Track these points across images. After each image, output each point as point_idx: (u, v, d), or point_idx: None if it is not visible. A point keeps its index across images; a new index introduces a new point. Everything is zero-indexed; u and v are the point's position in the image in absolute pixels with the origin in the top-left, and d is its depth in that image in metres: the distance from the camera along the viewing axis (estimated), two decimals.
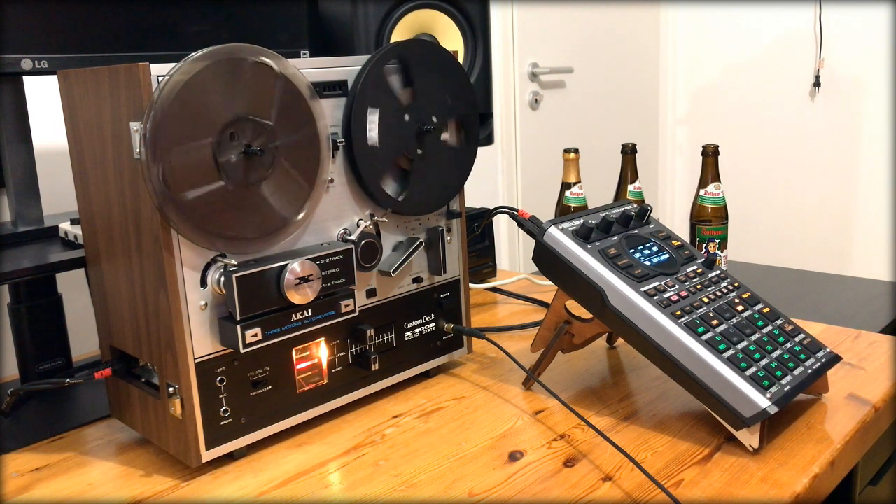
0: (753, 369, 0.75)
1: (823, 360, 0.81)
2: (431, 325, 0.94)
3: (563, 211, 1.29)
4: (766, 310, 0.84)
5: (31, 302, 0.96)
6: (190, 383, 0.73)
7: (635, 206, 0.93)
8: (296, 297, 0.75)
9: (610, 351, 1.03)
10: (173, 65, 0.66)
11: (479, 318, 1.18)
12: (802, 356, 0.80)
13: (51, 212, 1.01)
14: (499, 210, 0.97)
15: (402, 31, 1.09)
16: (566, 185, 1.29)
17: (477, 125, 0.93)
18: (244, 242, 0.74)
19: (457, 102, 0.90)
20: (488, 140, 1.24)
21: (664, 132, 2.94)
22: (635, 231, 0.89)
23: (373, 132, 0.82)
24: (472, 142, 0.93)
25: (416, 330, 0.93)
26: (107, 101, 0.71)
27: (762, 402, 0.72)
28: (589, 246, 0.83)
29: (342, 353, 0.85)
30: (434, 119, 0.87)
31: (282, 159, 0.74)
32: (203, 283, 0.72)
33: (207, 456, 0.75)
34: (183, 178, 0.68)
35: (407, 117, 0.85)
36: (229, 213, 0.71)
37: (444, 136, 0.89)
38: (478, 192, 2.13)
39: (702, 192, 1.26)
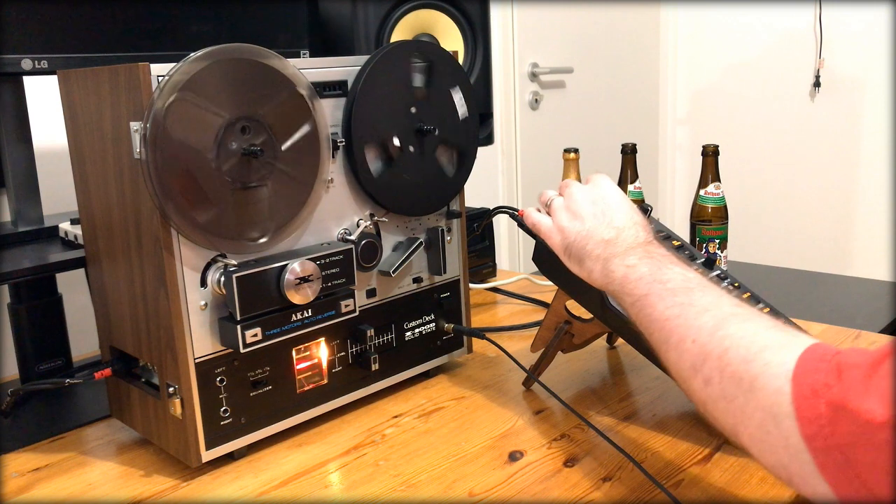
0: None
1: None
2: (431, 325, 0.94)
3: None
4: (766, 310, 0.84)
5: (31, 302, 0.96)
6: (190, 383, 0.73)
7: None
8: (296, 297, 0.75)
9: (610, 351, 1.03)
10: (173, 65, 0.66)
11: (479, 318, 1.18)
12: None
13: (51, 212, 1.01)
14: (499, 210, 0.97)
15: (402, 31, 1.09)
16: None
17: (477, 126, 0.93)
18: (244, 242, 0.74)
19: (456, 103, 0.90)
20: (488, 140, 1.24)
21: (664, 132, 2.94)
22: None
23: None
24: (472, 142, 0.93)
25: (416, 330, 0.93)
26: (107, 101, 0.71)
27: None
28: None
29: (342, 353, 0.85)
30: (433, 119, 0.87)
31: (282, 159, 0.74)
32: (203, 283, 0.72)
33: (207, 456, 0.75)
34: (183, 178, 0.68)
35: (406, 117, 0.85)
36: (229, 213, 0.71)
37: (444, 136, 0.89)
38: (478, 192, 2.13)
39: (702, 192, 1.25)
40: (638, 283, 0.64)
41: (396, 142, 0.84)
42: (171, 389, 0.73)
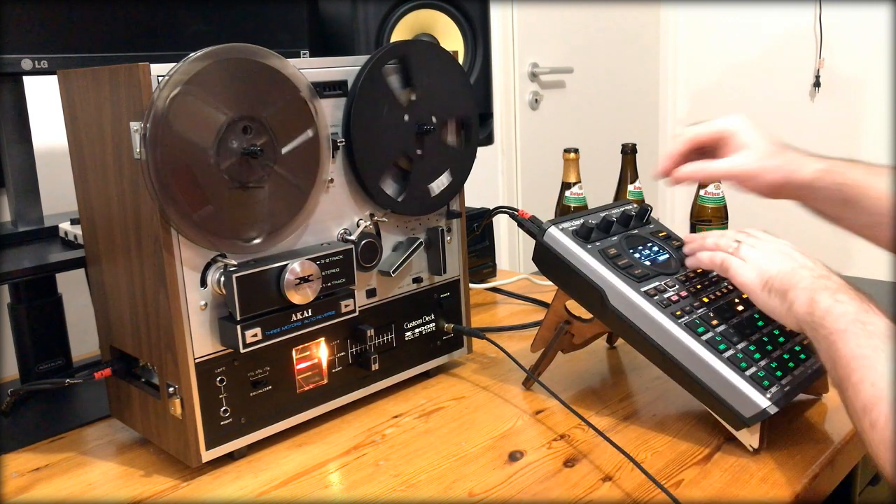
0: (753, 369, 0.75)
1: None
2: (431, 325, 0.94)
3: (563, 211, 1.29)
4: None
5: (31, 302, 0.96)
6: (190, 383, 0.73)
7: (635, 206, 0.93)
8: (296, 297, 0.75)
9: (610, 351, 1.03)
10: (173, 65, 0.66)
11: (479, 318, 1.18)
12: (802, 356, 0.80)
13: (51, 212, 1.01)
14: (499, 210, 0.97)
15: (402, 31, 1.09)
16: (566, 185, 1.29)
17: (476, 125, 0.93)
18: (244, 242, 0.74)
19: (457, 103, 0.90)
20: (488, 140, 1.24)
21: (664, 132, 2.94)
22: (635, 231, 0.89)
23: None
24: (471, 142, 0.93)
25: (416, 330, 0.93)
26: (107, 101, 0.71)
27: (762, 402, 0.72)
28: (589, 246, 0.83)
29: (342, 353, 0.85)
30: (434, 119, 0.87)
31: (282, 159, 0.74)
32: (203, 283, 0.72)
33: (207, 456, 0.75)
34: (183, 179, 0.68)
35: (407, 117, 0.85)
36: (229, 213, 0.71)
37: (444, 136, 0.89)
38: (478, 192, 2.13)
39: (702, 192, 1.25)
40: (839, 318, 0.64)
41: (404, 157, 0.85)
42: (171, 389, 0.73)
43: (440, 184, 0.90)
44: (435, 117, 0.87)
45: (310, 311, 0.77)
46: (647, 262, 0.84)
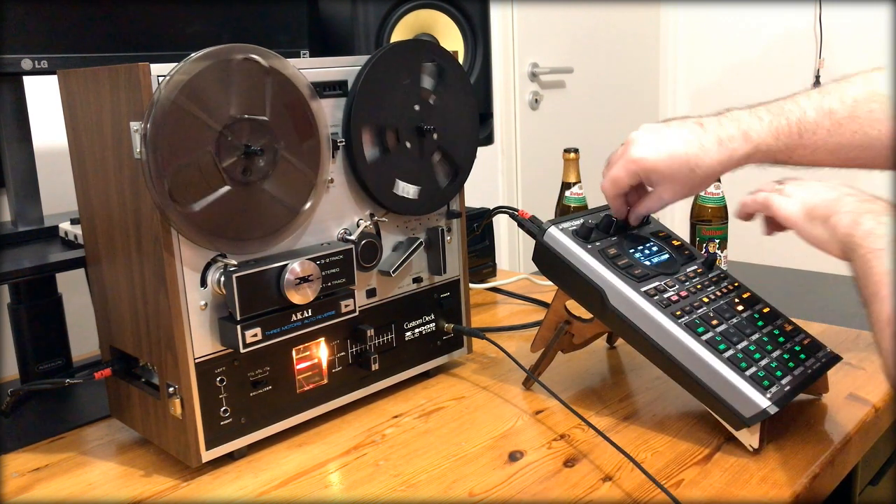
0: (753, 369, 0.75)
1: (823, 360, 0.81)
2: (431, 325, 0.94)
3: (563, 211, 1.29)
4: (766, 310, 0.84)
5: (31, 302, 0.96)
6: (190, 383, 0.73)
7: None
8: (296, 297, 0.75)
9: (610, 351, 1.03)
10: (173, 65, 0.67)
11: (479, 318, 1.18)
12: (802, 356, 0.80)
13: (51, 212, 1.01)
14: (499, 210, 0.97)
15: (402, 31, 1.09)
16: (566, 185, 1.29)
17: (477, 127, 0.93)
18: (244, 242, 0.74)
19: (458, 104, 0.90)
20: (488, 140, 1.24)
21: None
22: (635, 231, 0.89)
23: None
24: (471, 142, 0.93)
25: (416, 330, 0.93)
26: (107, 101, 0.71)
27: (762, 402, 0.72)
28: (589, 246, 0.83)
29: (342, 353, 0.85)
30: (434, 119, 0.87)
31: (281, 159, 0.74)
32: (203, 283, 0.72)
33: (207, 456, 0.75)
34: (183, 179, 0.68)
35: (417, 107, 0.85)
36: (229, 213, 0.71)
37: (435, 160, 0.89)
38: (478, 192, 2.13)
39: (702, 192, 1.25)
40: (879, 239, 0.66)
41: (394, 133, 0.84)
42: (171, 389, 0.73)
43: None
44: (437, 135, 0.87)
45: (310, 311, 0.77)
46: (647, 262, 0.84)
